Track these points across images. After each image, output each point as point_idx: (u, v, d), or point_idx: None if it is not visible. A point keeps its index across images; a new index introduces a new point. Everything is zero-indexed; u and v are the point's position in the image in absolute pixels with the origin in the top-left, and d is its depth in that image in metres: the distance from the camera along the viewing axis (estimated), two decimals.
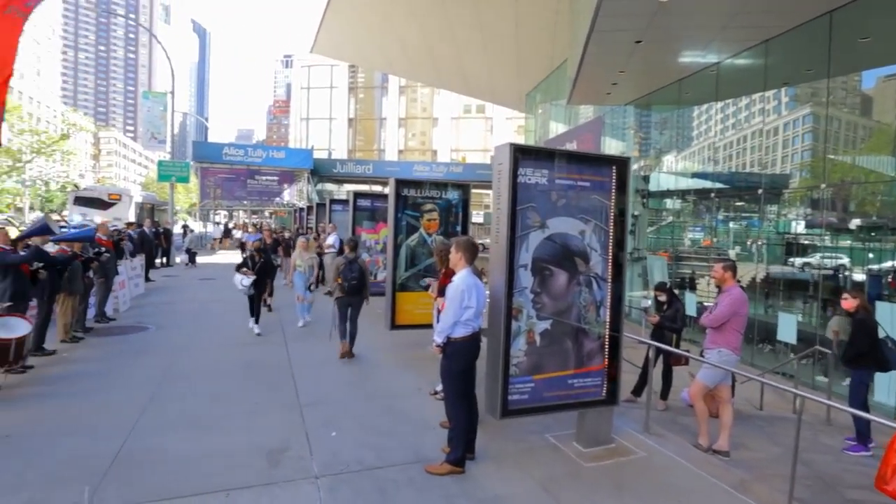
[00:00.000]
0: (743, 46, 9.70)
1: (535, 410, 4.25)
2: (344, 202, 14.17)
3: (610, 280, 4.51)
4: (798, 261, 9.24)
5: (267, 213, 33.45)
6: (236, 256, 20.52)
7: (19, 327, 5.71)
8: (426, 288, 6.90)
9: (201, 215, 31.00)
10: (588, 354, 4.41)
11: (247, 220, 31.20)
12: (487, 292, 4.24)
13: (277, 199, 29.12)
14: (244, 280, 8.17)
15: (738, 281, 5.32)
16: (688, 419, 5.79)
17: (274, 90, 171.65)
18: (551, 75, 18.82)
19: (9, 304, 5.93)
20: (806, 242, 9.23)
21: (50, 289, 6.96)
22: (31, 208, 52.11)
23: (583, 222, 4.40)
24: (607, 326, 4.48)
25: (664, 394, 6.27)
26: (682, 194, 12.99)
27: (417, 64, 22.30)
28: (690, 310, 9.63)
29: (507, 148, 4.10)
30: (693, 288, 11.24)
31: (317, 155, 32.61)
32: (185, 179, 24.29)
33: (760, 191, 9.70)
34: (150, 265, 14.83)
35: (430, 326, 6.48)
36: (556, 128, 19.78)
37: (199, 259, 19.96)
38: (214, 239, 29.17)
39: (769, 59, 9.40)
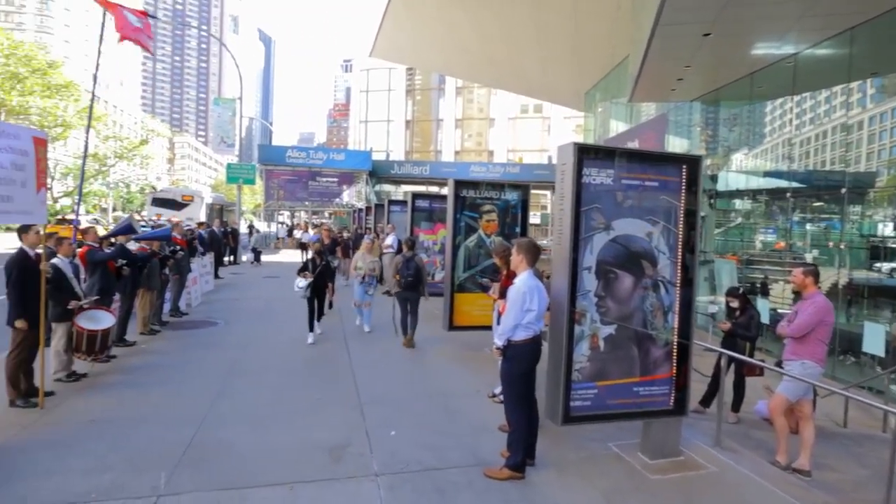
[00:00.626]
0: (824, 35, 9.04)
1: (599, 418, 4.12)
2: (402, 203, 14.32)
3: (679, 284, 4.31)
4: (886, 266, 8.53)
5: (327, 214, 34.40)
6: (297, 255, 21.26)
7: (105, 320, 6.12)
8: (485, 289, 6.84)
9: (265, 215, 32.31)
10: (655, 362, 4.23)
11: (307, 220, 32.21)
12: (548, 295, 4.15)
13: (337, 199, 29.88)
14: (300, 282, 7.86)
15: (818, 287, 4.96)
16: (762, 434, 5.45)
17: (334, 94, 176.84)
18: (611, 72, 18.32)
19: (96, 297, 6.36)
20: (895, 246, 8.50)
21: (132, 284, 7.43)
22: (114, 209, 56.07)
23: (650, 224, 4.23)
24: (675, 333, 4.29)
25: (736, 406, 5.92)
26: (752, 194, 12.29)
27: (474, 65, 22.29)
28: (762, 317, 9.09)
29: (570, 147, 4.00)
30: (765, 293, 10.59)
31: (375, 157, 33.24)
32: (252, 181, 25.40)
33: (843, 190, 9.01)
34: (218, 263, 15.57)
35: (488, 328, 6.44)
36: (617, 126, 19.24)
37: (263, 258, 20.79)
38: (278, 238, 30.30)
39: (854, 48, 8.71)
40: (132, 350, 7.26)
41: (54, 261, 5.70)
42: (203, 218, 24.02)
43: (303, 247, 19.79)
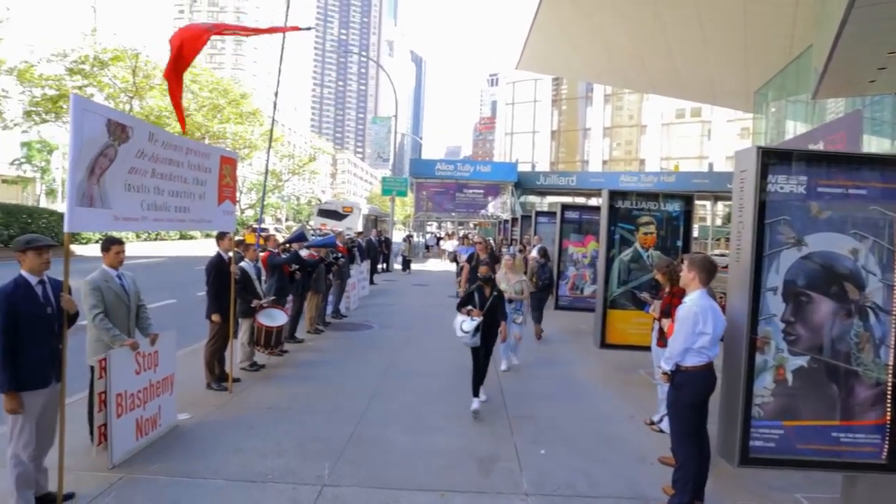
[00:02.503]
0: None
1: (784, 463, 3.55)
2: (549, 214, 14.11)
3: (894, 312, 3.58)
4: None
5: (472, 225, 35.18)
6: (441, 265, 22.02)
7: (280, 318, 6.86)
8: (643, 305, 6.27)
9: (415, 226, 34.09)
10: (861, 404, 3.54)
11: (452, 231, 33.17)
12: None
13: (483, 211, 30.46)
14: (465, 323, 5.43)
15: None
16: None
17: (480, 108, 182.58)
18: (788, 67, 16.29)
19: (273, 297, 7.15)
20: None
21: (302, 287, 8.24)
22: (286, 219, 63.48)
23: (856, 239, 3.57)
24: (890, 371, 3.56)
25: None
26: None
27: (625, 70, 21.33)
28: None
29: (752, 152, 3.56)
30: None
31: (520, 168, 33.31)
32: (404, 193, 27.02)
33: None
34: (373, 270, 16.70)
35: (644, 348, 5.99)
36: (795, 127, 17.04)
37: (412, 266, 21.90)
38: (427, 247, 31.73)
39: None
40: (301, 347, 8.02)
41: (242, 264, 6.51)
42: (360, 228, 26.03)
43: (457, 259, 19.15)
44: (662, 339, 4.91)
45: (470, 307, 5.53)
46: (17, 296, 3.23)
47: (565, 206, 10.15)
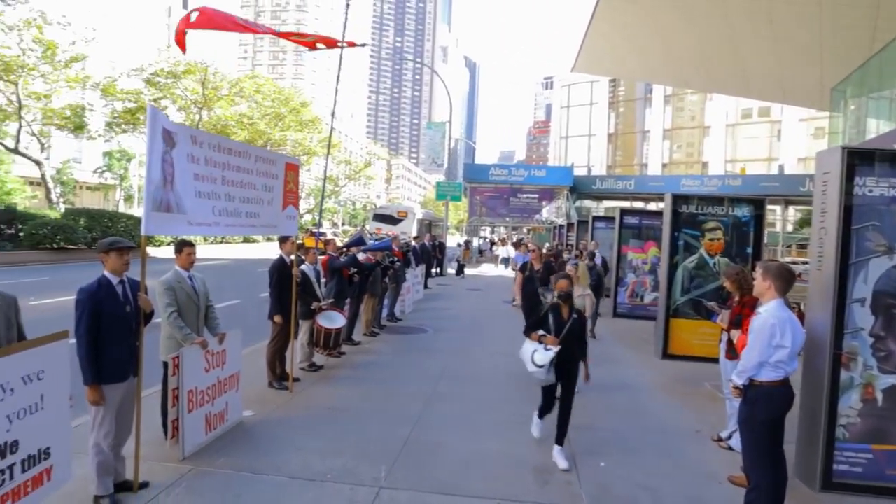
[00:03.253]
0: None
1: (873, 490, 3.28)
2: (607, 219, 13.76)
3: None
4: None
5: (525, 230, 34.83)
6: (496, 270, 21.89)
7: (338, 320, 7.00)
8: (709, 315, 5.93)
9: (468, 231, 34.13)
10: None
11: (504, 236, 32.94)
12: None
13: (537, 216, 30.10)
14: (536, 354, 4.43)
15: None
16: None
17: (534, 112, 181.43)
18: (871, 61, 15.13)
19: (332, 300, 7.31)
20: None
21: (359, 290, 8.39)
22: (343, 223, 65.12)
23: None
24: None
25: None
26: None
27: (686, 69, 20.49)
28: None
29: (836, 153, 3.33)
30: None
31: (576, 172, 32.72)
32: (458, 198, 27.12)
33: None
34: (427, 274, 16.82)
35: (710, 360, 5.70)
36: (877, 126, 15.80)
37: (466, 270, 21.91)
38: (480, 252, 31.69)
39: None
40: (357, 349, 8.16)
41: (303, 267, 6.70)
42: (415, 232, 26.32)
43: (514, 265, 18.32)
44: (731, 352, 4.65)
45: (542, 332, 4.50)
46: (101, 295, 3.45)
47: (624, 211, 9.86)
